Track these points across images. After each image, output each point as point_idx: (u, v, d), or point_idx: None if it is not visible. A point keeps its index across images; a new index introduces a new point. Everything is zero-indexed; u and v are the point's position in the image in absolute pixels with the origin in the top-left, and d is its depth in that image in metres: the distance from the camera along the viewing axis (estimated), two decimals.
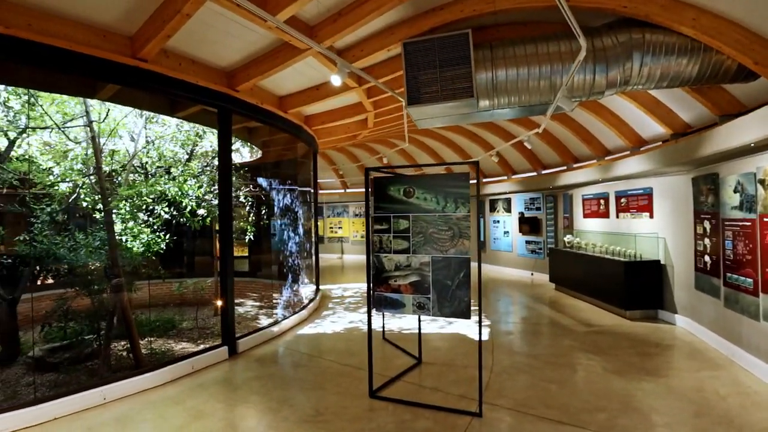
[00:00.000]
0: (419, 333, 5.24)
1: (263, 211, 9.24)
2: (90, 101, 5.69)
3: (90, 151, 6.18)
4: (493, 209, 13.30)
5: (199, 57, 5.09)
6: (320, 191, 19.19)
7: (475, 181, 14.36)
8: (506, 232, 12.62)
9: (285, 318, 6.86)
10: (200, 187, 7.45)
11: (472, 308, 3.88)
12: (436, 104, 4.98)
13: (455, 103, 5.00)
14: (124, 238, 6.55)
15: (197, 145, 8.62)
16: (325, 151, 16.08)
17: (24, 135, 6.32)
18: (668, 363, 4.97)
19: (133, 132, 6.50)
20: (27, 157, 6.47)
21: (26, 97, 5.73)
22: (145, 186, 6.60)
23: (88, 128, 5.74)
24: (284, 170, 9.64)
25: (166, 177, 7.12)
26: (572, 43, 4.65)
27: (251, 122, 6.99)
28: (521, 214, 11.88)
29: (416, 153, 14.64)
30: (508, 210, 12.58)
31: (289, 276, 8.77)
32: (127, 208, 6.43)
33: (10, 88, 5.85)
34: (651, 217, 7.32)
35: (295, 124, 7.35)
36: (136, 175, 7.06)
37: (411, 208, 3.88)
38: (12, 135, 6.25)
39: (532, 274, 11.64)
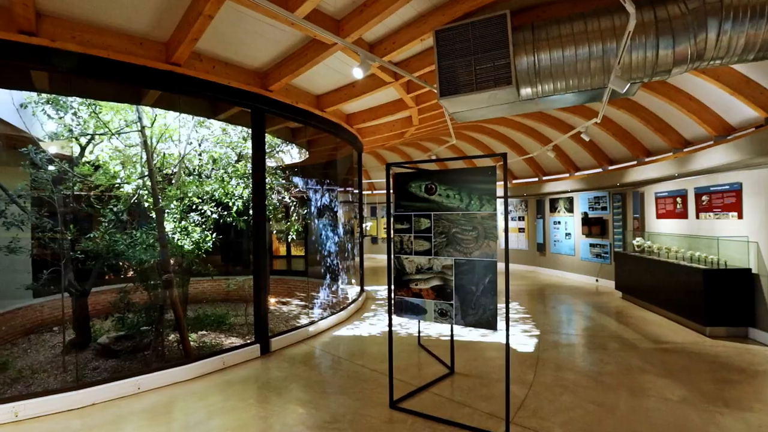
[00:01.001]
0: (451, 340, 4.87)
1: (305, 211, 9.34)
2: (144, 108, 6.07)
3: (155, 155, 6.63)
4: (553, 209, 12.34)
5: (232, 59, 5.19)
6: (375, 191, 19.24)
7: (501, 182, 13.48)
8: (568, 234, 11.63)
9: (323, 318, 6.81)
10: (246, 187, 7.67)
11: (499, 317, 3.48)
12: (471, 94, 4.61)
13: (492, 93, 4.59)
14: (175, 237, 6.91)
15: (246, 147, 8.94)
16: (377, 151, 16.05)
17: (92, 141, 6.92)
18: (756, 394, 4.13)
19: (181, 136, 6.84)
20: (95, 161, 7.07)
21: (93, 107, 6.23)
22: (192, 186, 6.91)
23: (140, 133, 6.12)
24: (329, 170, 9.68)
25: (212, 178, 7.42)
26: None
27: (291, 123, 7.04)
28: (585, 214, 10.87)
29: (468, 149, 14.05)
30: (570, 210, 11.58)
31: (328, 276, 8.76)
32: (178, 208, 6.76)
33: (80, 99, 6.44)
34: (739, 217, 6.23)
35: (334, 122, 7.29)
36: (190, 176, 7.43)
37: (433, 206, 3.57)
38: (83, 141, 6.88)
39: (597, 280, 10.59)
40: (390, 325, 3.87)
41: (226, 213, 7.67)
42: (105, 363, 6.69)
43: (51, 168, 6.17)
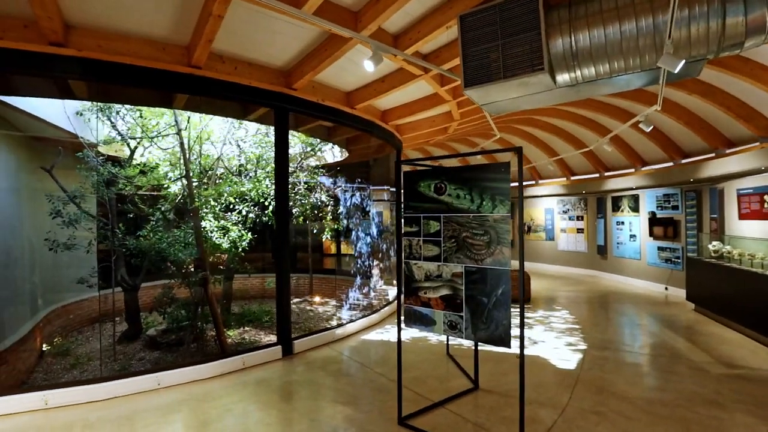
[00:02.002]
0: (475, 351, 4.47)
1: (339, 211, 9.27)
2: (182, 112, 6.31)
3: (192, 156, 6.92)
4: (616, 208, 11.20)
5: (255, 59, 5.17)
6: None
7: (515, 183, 12.34)
8: (633, 236, 10.48)
9: (352, 321, 6.66)
10: None
11: (512, 332, 3.06)
12: (498, 83, 4.17)
13: (522, 80, 4.13)
14: (212, 235, 7.14)
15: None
16: (425, 147, 15.65)
17: (140, 144, 7.35)
18: None
19: (217, 138, 7.04)
20: (144, 164, 7.51)
21: (135, 113, 6.60)
22: (225, 186, 7.08)
23: (178, 135, 6.36)
24: (368, 169, 9.53)
25: (247, 178, 7.57)
26: None
27: (324, 121, 6.95)
28: (652, 214, 9.70)
29: (521, 144, 13.20)
30: (636, 209, 10.42)
31: (358, 277, 8.60)
32: (214, 208, 6.97)
33: (127, 106, 6.85)
34: None
35: (366, 120, 7.09)
36: (226, 177, 7.65)
37: (442, 207, 3.24)
38: (132, 145, 7.33)
39: (666, 288, 9.40)
40: (399, 334, 3.59)
41: (261, 212, 7.81)
42: (150, 354, 7.09)
43: (102, 170, 6.61)
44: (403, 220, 3.47)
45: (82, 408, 3.88)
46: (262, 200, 7.64)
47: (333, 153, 11.19)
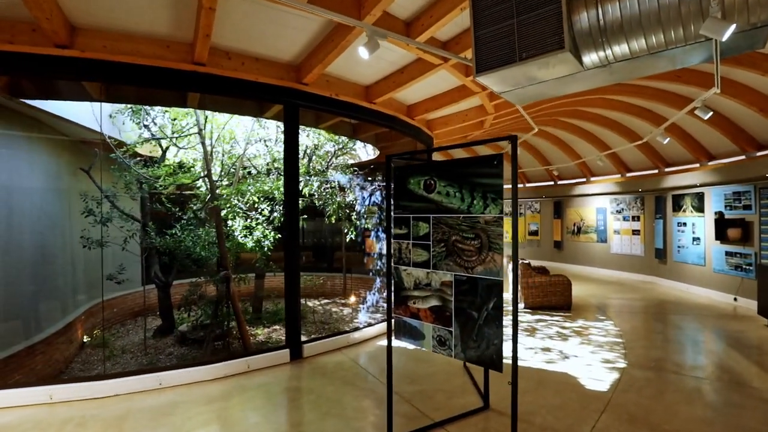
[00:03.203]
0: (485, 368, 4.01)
1: (361, 210, 9.01)
2: (202, 111, 6.37)
3: (216, 155, 7.00)
4: (677, 207, 10.00)
5: (262, 54, 5.04)
6: None
7: (505, 181, 11.13)
8: (696, 239, 9.28)
9: (370, 325, 6.40)
10: (306, 185, 7.65)
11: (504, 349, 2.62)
12: (512, 67, 3.70)
13: (542, 62, 3.63)
14: (236, 234, 7.18)
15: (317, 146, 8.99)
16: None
17: (173, 144, 7.56)
18: None
19: (238, 137, 7.06)
20: (176, 163, 7.72)
21: (154, 114, 6.76)
22: (244, 185, 7.08)
23: (199, 135, 6.43)
24: None
25: (270, 177, 7.53)
26: None
27: (345, 118, 6.72)
28: (719, 214, 8.52)
29: (569, 139, 12.23)
30: (700, 209, 9.22)
31: (378, 279, 8.28)
32: (234, 207, 7.00)
33: (157, 108, 7.06)
34: None
35: (387, 114, 6.77)
36: (254, 175, 7.68)
37: (431, 206, 2.86)
38: (164, 145, 7.56)
39: (735, 299, 8.21)
40: (389, 346, 3.25)
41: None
42: (178, 350, 7.28)
43: (132, 170, 6.85)
44: (393, 221, 3.13)
45: (84, 404, 3.94)
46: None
47: (366, 151, 10.99)
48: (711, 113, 5.42)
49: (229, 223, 7.33)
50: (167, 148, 7.61)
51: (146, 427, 3.52)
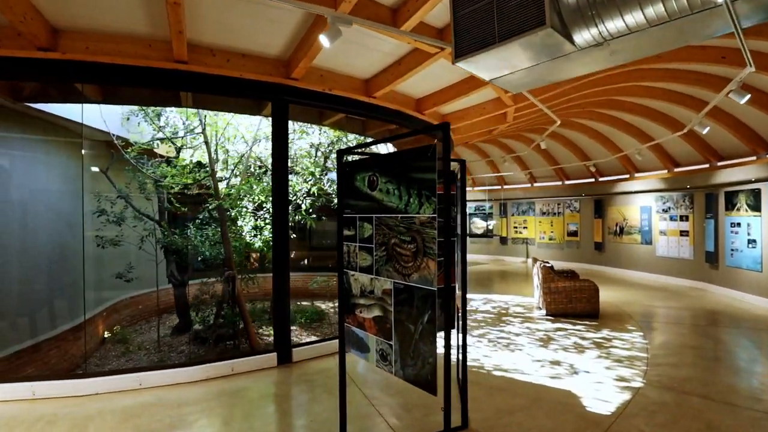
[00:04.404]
0: (464, 379, 3.62)
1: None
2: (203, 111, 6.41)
3: (221, 155, 7.05)
4: (731, 206, 8.86)
5: (249, 50, 4.92)
6: (506, 186, 17.38)
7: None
8: (752, 242, 8.16)
9: None
10: (314, 185, 7.54)
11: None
12: (492, 50, 3.31)
13: (525, 42, 3.21)
14: (244, 234, 7.19)
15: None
16: (477, 144, 14.39)
17: (188, 144, 7.70)
18: None
19: (238, 136, 7.04)
20: (192, 163, 7.86)
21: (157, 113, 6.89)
22: (245, 186, 7.04)
23: (203, 134, 6.48)
24: None
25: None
26: None
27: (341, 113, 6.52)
28: None
29: (608, 132, 11.28)
30: (756, 207, 8.09)
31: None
32: (239, 206, 7.00)
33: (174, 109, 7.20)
34: None
35: (390, 109, 6.47)
36: (259, 174, 7.66)
37: (374, 205, 2.56)
38: (179, 145, 7.73)
39: None
40: (342, 359, 2.98)
41: (294, 212, 7.68)
42: (189, 348, 7.41)
43: (145, 171, 7.04)
44: (342, 222, 2.86)
45: (63, 402, 3.99)
46: (293, 199, 7.50)
47: (387, 147, 10.74)
48: (748, 96, 4.62)
49: (239, 222, 7.36)
50: (181, 147, 7.77)
51: (109, 429, 3.49)
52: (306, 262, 10.72)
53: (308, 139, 8.42)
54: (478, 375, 4.66)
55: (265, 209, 7.42)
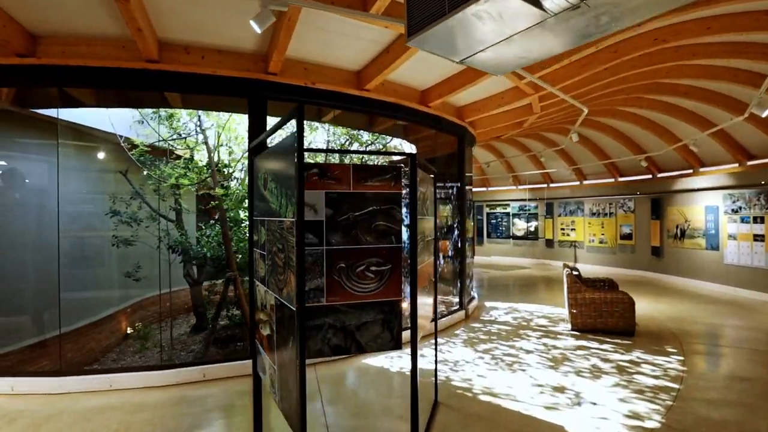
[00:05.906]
0: (413, 401, 3.12)
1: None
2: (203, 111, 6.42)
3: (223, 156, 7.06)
4: None
5: (225, 45, 4.76)
6: (552, 184, 16.13)
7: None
8: None
9: None
10: None
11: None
12: (444, 21, 2.82)
13: (480, 10, 2.70)
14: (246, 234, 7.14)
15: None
16: (492, 144, 13.38)
17: (199, 144, 7.82)
18: None
19: (239, 136, 6.97)
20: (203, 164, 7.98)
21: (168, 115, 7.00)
22: (242, 187, 6.95)
23: (203, 134, 6.49)
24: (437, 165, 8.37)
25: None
26: None
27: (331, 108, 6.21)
28: None
29: (664, 120, 9.93)
30: None
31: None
32: (239, 207, 6.95)
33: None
34: None
35: (387, 102, 6.03)
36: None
37: (267, 206, 2.20)
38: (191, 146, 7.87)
39: None
40: (255, 375, 2.64)
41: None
42: (198, 348, 7.51)
43: (154, 171, 7.23)
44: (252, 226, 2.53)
45: (37, 399, 4.07)
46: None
47: (411, 147, 10.29)
48: None
49: (245, 223, 7.32)
50: (194, 147, 7.91)
51: (60, 430, 3.46)
52: None
53: (308, 139, 8.24)
54: (461, 399, 4.11)
55: None
